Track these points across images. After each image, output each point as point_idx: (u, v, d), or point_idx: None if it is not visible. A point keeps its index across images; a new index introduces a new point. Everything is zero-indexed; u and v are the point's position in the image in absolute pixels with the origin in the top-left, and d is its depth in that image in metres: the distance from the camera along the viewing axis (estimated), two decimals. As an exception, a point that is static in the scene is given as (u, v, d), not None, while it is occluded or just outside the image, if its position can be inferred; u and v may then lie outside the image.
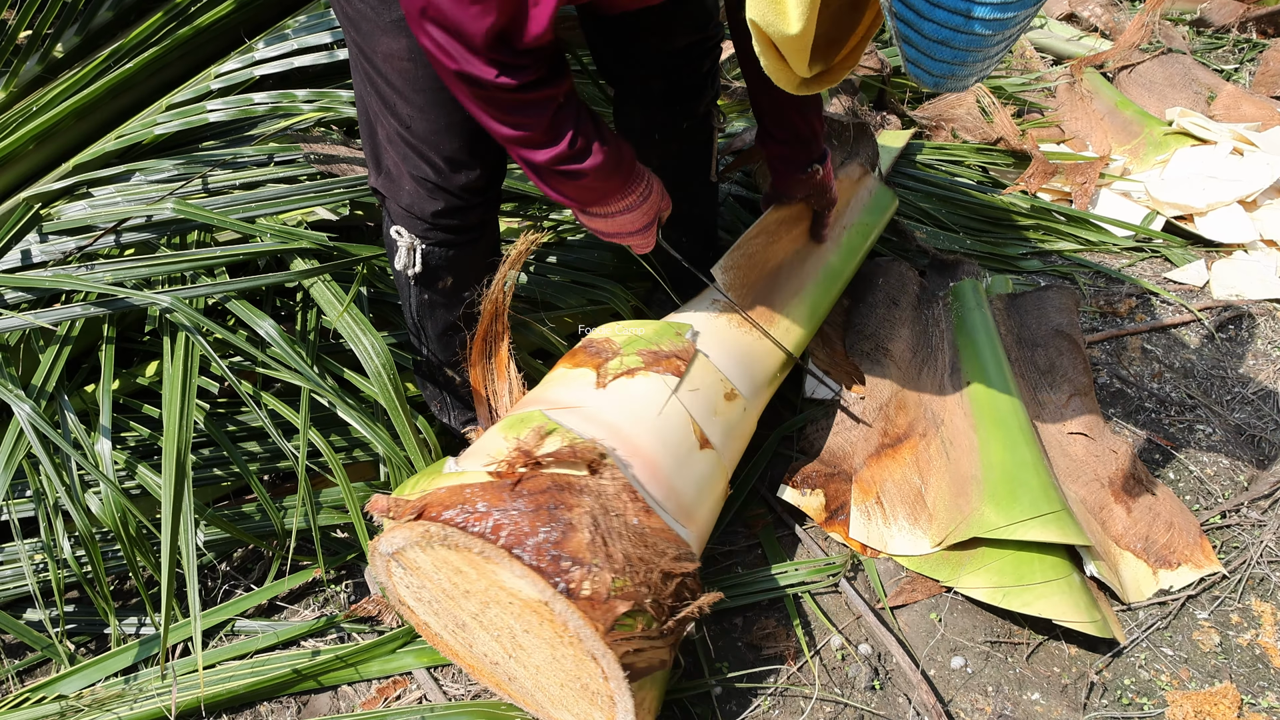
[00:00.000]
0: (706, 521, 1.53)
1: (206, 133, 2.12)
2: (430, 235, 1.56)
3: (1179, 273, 2.46)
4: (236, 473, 1.83)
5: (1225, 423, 2.09)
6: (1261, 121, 2.94)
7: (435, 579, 1.38)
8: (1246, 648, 1.67)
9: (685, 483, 1.47)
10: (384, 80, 1.42)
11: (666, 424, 1.48)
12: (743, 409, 1.65)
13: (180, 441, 1.57)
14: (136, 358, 1.97)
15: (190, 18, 2.13)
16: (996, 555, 1.69)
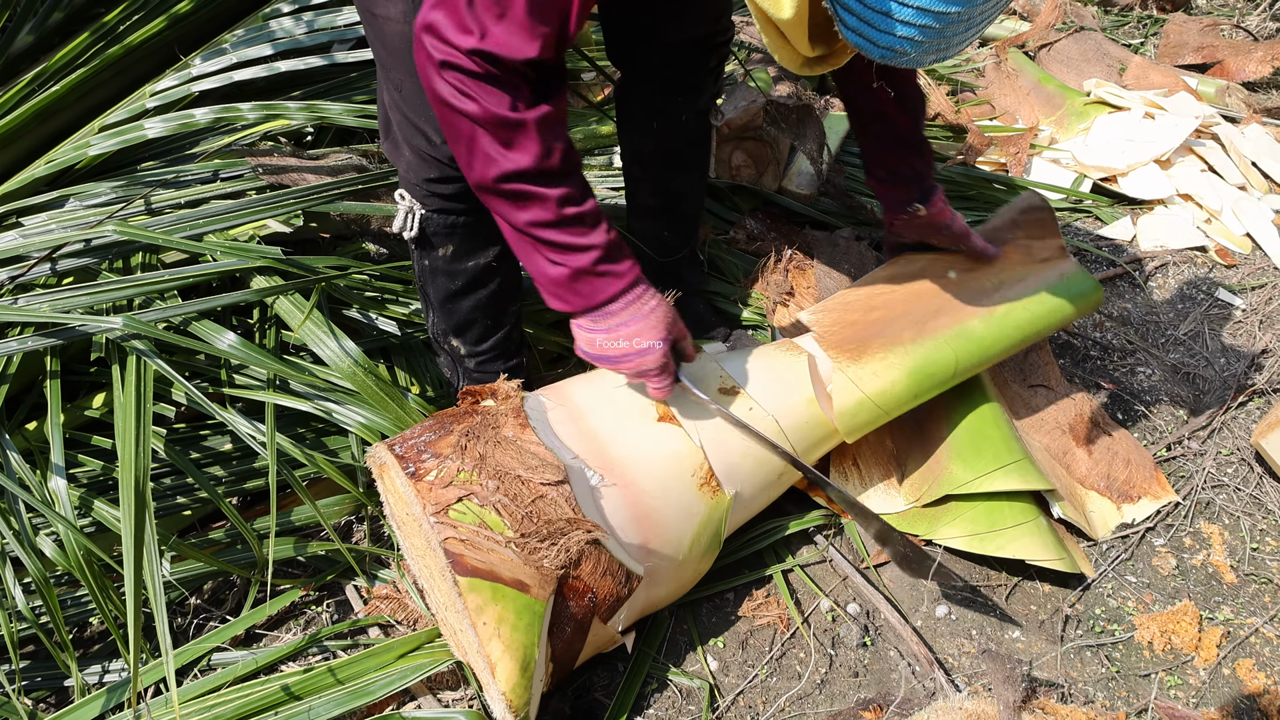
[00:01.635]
0: (654, 492, 1.48)
1: (145, 153, 2.10)
2: (428, 202, 1.57)
3: (1109, 229, 2.62)
4: (201, 499, 1.77)
5: (1163, 363, 2.24)
6: (1168, 88, 3.13)
7: (397, 512, 1.53)
8: (1200, 568, 1.80)
9: (620, 438, 1.49)
10: (381, 43, 1.44)
11: (621, 393, 1.56)
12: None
13: (138, 468, 1.52)
14: (81, 390, 1.90)
15: (120, 36, 2.11)
16: (968, 506, 1.79)
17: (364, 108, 1.98)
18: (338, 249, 2.05)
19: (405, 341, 1.96)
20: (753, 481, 1.58)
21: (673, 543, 1.48)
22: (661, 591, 1.54)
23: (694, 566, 1.55)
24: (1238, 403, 2.11)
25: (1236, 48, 3.42)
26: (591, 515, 1.39)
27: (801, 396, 1.66)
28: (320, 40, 2.12)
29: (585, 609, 1.39)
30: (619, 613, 1.45)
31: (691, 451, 1.50)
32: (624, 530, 1.42)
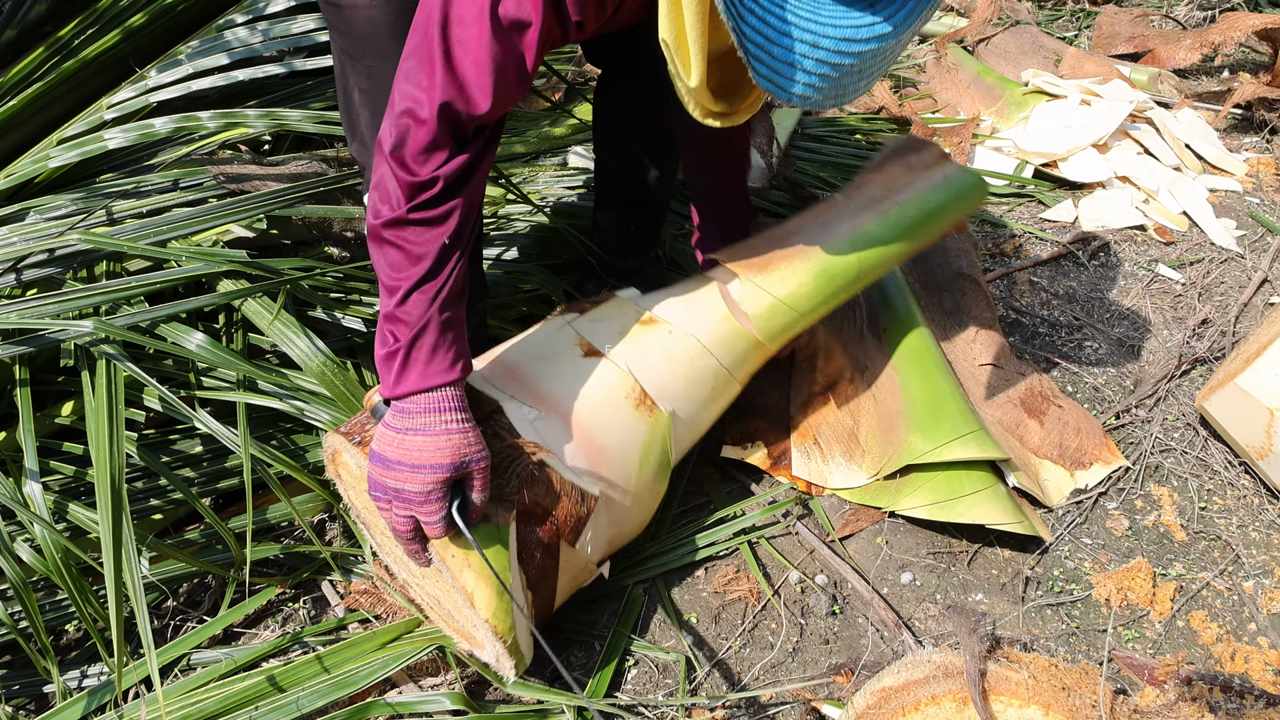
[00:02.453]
0: (592, 418, 1.53)
1: (104, 165, 2.09)
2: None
3: (1051, 212, 2.69)
4: (175, 501, 1.77)
5: (1108, 337, 2.30)
6: (1102, 77, 3.22)
7: (358, 503, 1.56)
8: (1152, 528, 1.85)
9: (549, 375, 1.54)
10: (347, 33, 1.42)
11: (545, 345, 1.62)
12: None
13: (114, 468, 1.51)
14: (50, 400, 1.90)
15: (75, 50, 2.11)
16: (928, 477, 1.83)
17: (322, 114, 1.99)
18: (300, 253, 2.05)
19: (370, 340, 1.97)
20: (688, 399, 1.63)
21: (620, 464, 1.52)
22: (625, 522, 1.58)
23: (649, 489, 1.59)
24: (1181, 371, 2.17)
25: (1166, 37, 3.53)
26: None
27: (717, 313, 1.70)
28: (276, 49, 2.13)
29: (550, 532, 1.43)
30: (584, 533, 1.48)
31: (621, 376, 1.55)
32: (570, 456, 1.47)
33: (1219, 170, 2.88)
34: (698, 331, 1.66)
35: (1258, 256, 2.54)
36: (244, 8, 2.13)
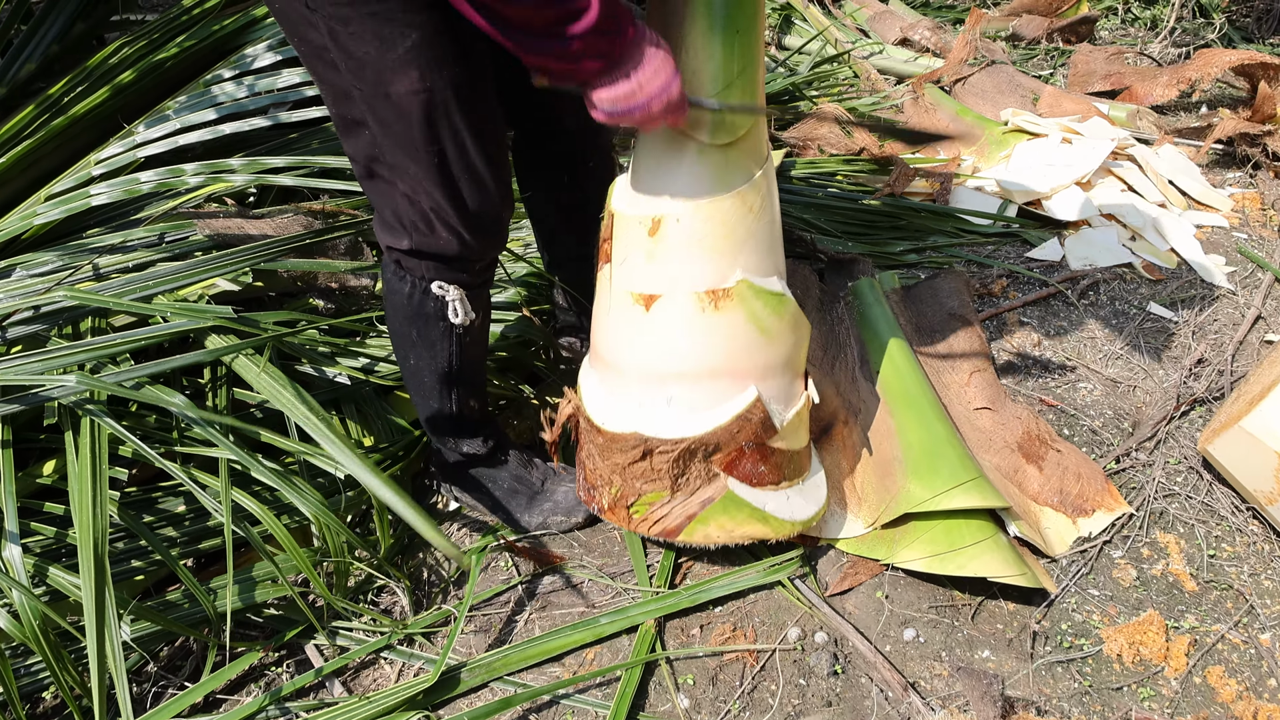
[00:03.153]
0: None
1: (90, 220, 1.97)
2: (483, 275, 1.52)
3: (1037, 251, 2.54)
4: (155, 563, 1.62)
5: (1102, 378, 2.15)
6: (1081, 114, 3.09)
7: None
8: (1160, 577, 1.69)
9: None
10: (405, 120, 1.30)
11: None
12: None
13: (96, 533, 1.39)
14: (32, 458, 1.75)
15: (64, 108, 1.99)
16: (927, 527, 1.67)
17: (308, 161, 1.85)
18: (285, 305, 1.91)
19: (355, 391, 1.82)
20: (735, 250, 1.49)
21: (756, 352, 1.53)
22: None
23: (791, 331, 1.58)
24: (1180, 412, 2.02)
25: (1143, 74, 3.40)
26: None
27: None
28: (262, 103, 2.00)
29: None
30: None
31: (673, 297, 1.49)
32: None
33: (1204, 206, 2.74)
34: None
35: (1250, 293, 2.39)
36: (231, 63, 2.01)
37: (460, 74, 1.32)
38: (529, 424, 1.96)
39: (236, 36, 2.16)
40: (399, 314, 1.51)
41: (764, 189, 1.45)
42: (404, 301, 1.49)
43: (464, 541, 1.77)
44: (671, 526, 1.60)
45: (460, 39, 1.30)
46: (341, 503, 1.66)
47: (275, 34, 2.13)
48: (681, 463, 1.54)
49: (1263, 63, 3.06)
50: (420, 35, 1.25)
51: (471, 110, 1.36)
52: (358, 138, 1.34)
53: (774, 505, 1.60)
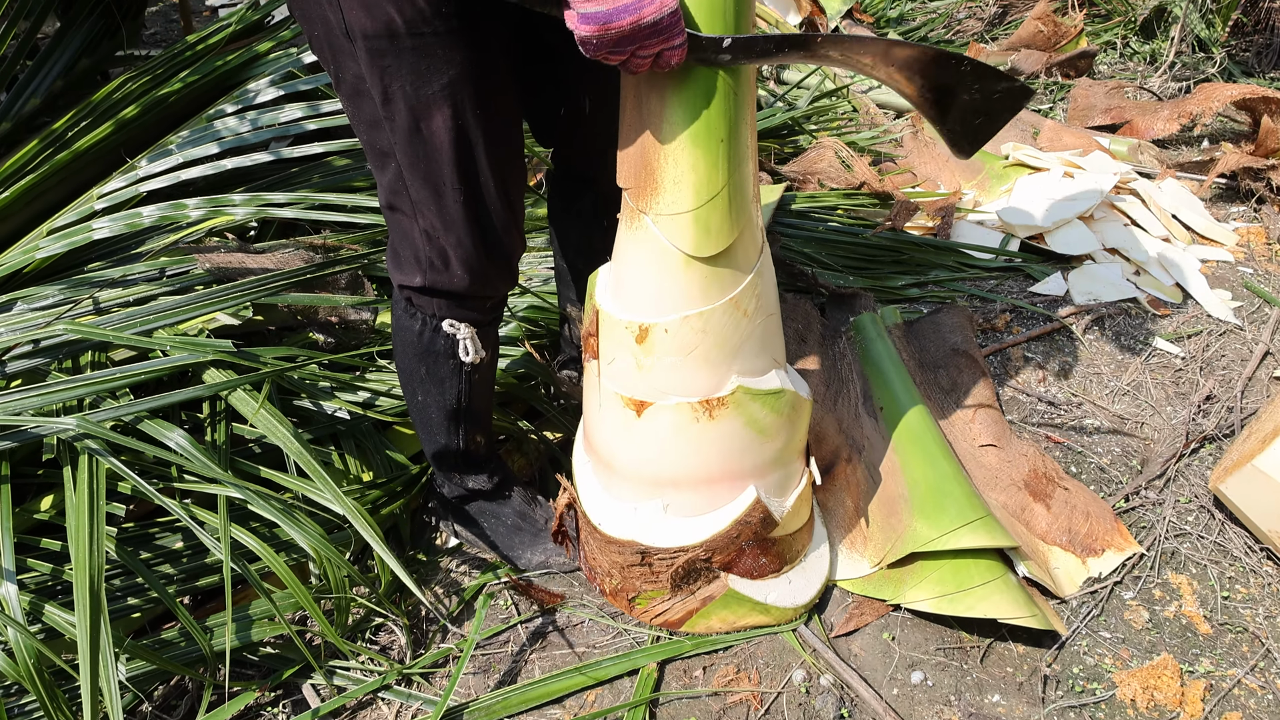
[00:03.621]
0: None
1: (92, 254, 1.96)
2: (494, 312, 1.52)
3: (1041, 286, 2.53)
4: (152, 600, 1.61)
5: (1109, 414, 2.13)
6: (1082, 148, 3.09)
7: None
8: (1173, 619, 1.66)
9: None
10: (434, 156, 1.30)
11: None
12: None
13: (93, 570, 1.38)
14: (29, 493, 1.74)
15: (68, 142, 1.99)
16: (934, 567, 1.65)
17: (309, 196, 1.85)
18: (284, 339, 1.90)
19: (354, 426, 1.81)
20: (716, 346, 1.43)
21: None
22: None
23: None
24: (1190, 450, 2.00)
25: (1143, 108, 3.41)
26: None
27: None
28: (264, 137, 2.00)
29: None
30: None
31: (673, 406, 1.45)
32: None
33: (1208, 240, 2.73)
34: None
35: (1257, 328, 2.38)
36: (234, 98, 2.01)
37: (492, 114, 1.32)
38: (528, 460, 1.95)
39: (240, 72, 2.18)
40: (408, 351, 1.50)
41: (758, 289, 1.39)
42: (414, 339, 1.48)
43: (463, 579, 1.75)
44: (673, 620, 1.60)
45: (494, 80, 1.31)
46: (346, 539, 1.64)
47: (278, 69, 2.14)
48: (681, 569, 1.53)
49: (1264, 97, 3.07)
50: (457, 73, 1.26)
51: (499, 150, 1.36)
52: (385, 169, 1.34)
53: (776, 595, 1.60)
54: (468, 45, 1.24)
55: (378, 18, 1.18)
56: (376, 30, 1.19)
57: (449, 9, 1.21)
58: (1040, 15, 4.07)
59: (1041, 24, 4.04)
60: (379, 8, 1.18)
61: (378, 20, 1.18)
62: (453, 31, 1.23)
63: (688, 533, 1.51)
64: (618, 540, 1.53)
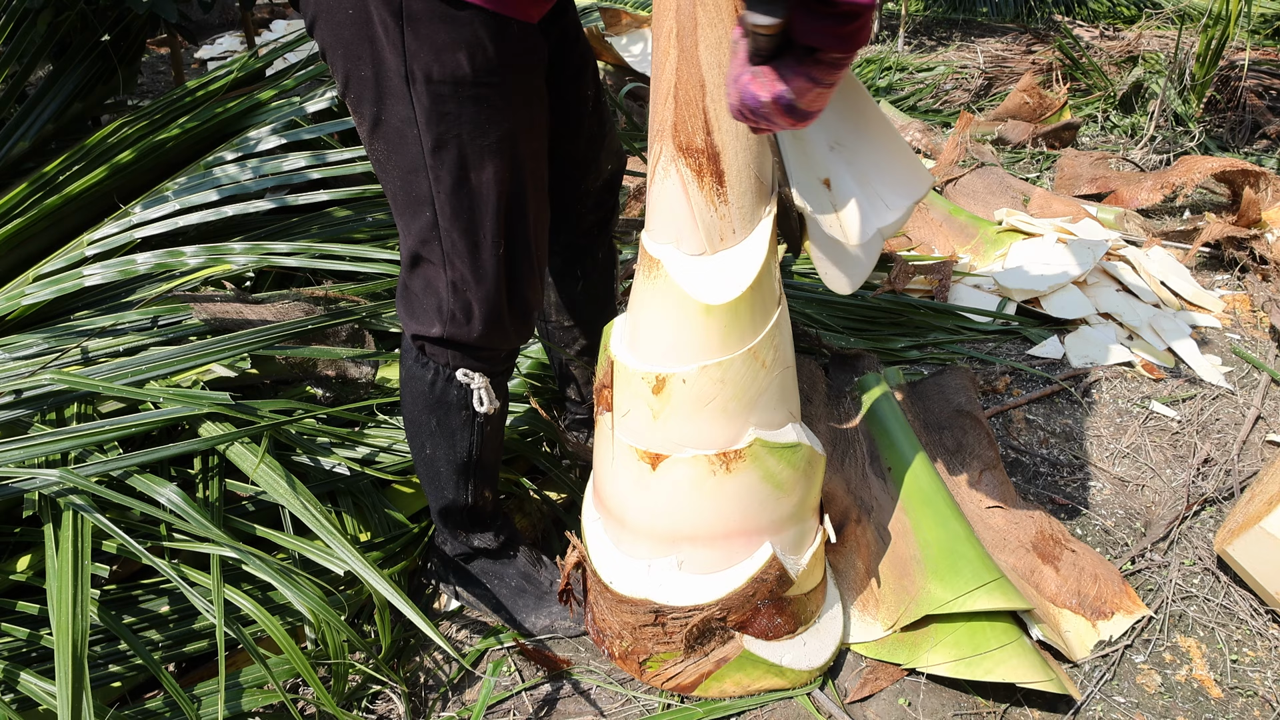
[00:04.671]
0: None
1: (81, 302, 1.94)
2: (507, 363, 1.52)
3: (1039, 349, 2.58)
4: (135, 667, 1.54)
5: (1111, 476, 2.16)
6: (1072, 216, 3.19)
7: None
8: (1185, 683, 1.67)
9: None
10: (479, 207, 1.31)
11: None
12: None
13: (76, 635, 1.32)
14: (6, 552, 1.68)
15: (59, 186, 1.98)
16: (949, 630, 1.65)
17: (311, 246, 1.85)
18: (280, 393, 1.88)
19: (353, 484, 1.78)
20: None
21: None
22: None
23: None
24: (1191, 512, 2.02)
25: (1127, 178, 3.53)
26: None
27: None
28: (265, 185, 2.00)
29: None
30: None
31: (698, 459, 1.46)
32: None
33: (1196, 307, 2.81)
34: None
35: (1248, 393, 2.44)
36: (234, 145, 2.02)
37: (538, 169, 1.35)
38: (530, 521, 1.93)
39: (240, 119, 2.19)
40: (418, 402, 1.49)
41: (776, 340, 1.41)
42: (425, 389, 1.47)
43: (465, 644, 1.72)
44: (686, 683, 1.58)
45: (541, 136, 1.33)
46: (342, 602, 1.61)
47: (280, 117, 2.16)
48: (696, 628, 1.52)
49: (1243, 169, 3.20)
50: (510, 126, 1.28)
51: (540, 205, 1.38)
52: (417, 217, 1.33)
53: (790, 657, 1.58)
54: (524, 100, 1.27)
55: (446, 63, 1.20)
56: (443, 76, 1.21)
57: (516, 61, 1.24)
58: (1026, 88, 4.22)
59: (1027, 96, 4.19)
60: (450, 53, 1.20)
61: (446, 66, 1.20)
62: (513, 85, 1.26)
63: (703, 590, 1.50)
64: (630, 599, 1.51)
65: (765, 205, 1.36)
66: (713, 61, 1.22)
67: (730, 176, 1.30)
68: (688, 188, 1.30)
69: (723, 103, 1.23)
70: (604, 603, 1.58)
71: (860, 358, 2.36)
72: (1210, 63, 3.95)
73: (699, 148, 1.28)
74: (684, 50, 1.23)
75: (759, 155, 1.31)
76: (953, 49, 5.58)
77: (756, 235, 1.35)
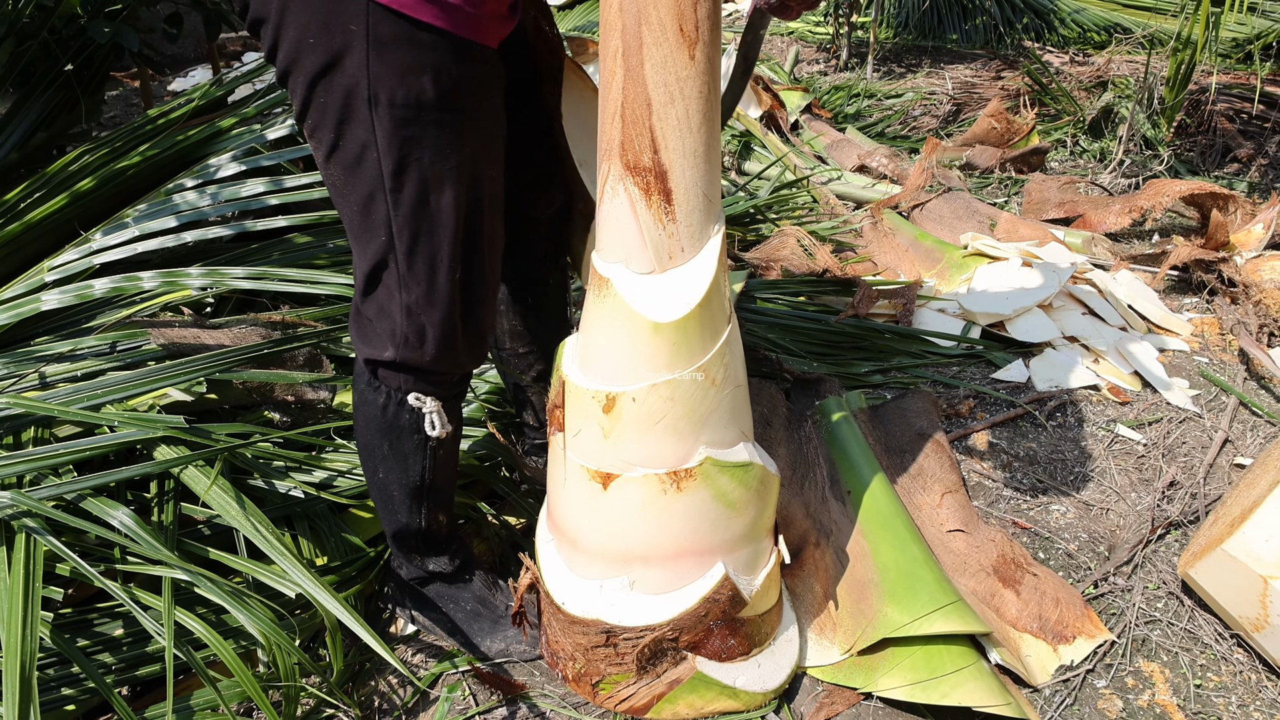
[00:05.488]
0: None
1: (40, 328, 1.96)
2: (459, 387, 1.53)
3: (1003, 373, 2.63)
4: (87, 691, 1.55)
5: (1075, 500, 2.19)
6: (1038, 240, 3.25)
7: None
8: (1148, 708, 1.69)
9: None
10: (437, 231, 1.33)
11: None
12: None
13: (24, 656, 1.34)
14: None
15: (20, 214, 2.01)
16: (906, 653, 1.67)
17: (267, 270, 1.88)
18: (239, 418, 1.90)
19: (309, 508, 1.80)
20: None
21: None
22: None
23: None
24: (1156, 536, 2.06)
25: (1095, 202, 3.60)
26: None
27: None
28: (224, 211, 2.03)
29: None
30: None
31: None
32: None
33: (1164, 330, 2.87)
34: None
35: (1216, 416, 2.48)
36: (194, 173, 2.06)
37: (496, 193, 1.38)
38: (488, 546, 1.94)
39: (201, 147, 2.22)
40: (371, 426, 1.52)
41: (726, 359, 1.44)
42: (377, 414, 1.49)
43: (420, 668, 1.73)
44: (638, 705, 1.60)
45: (499, 160, 1.36)
46: (294, 626, 1.62)
47: (240, 144, 2.20)
48: (648, 649, 1.54)
49: (1212, 192, 3.27)
50: (474, 150, 1.31)
51: (496, 228, 1.41)
52: (371, 241, 1.35)
53: (745, 679, 1.60)
54: (485, 124, 1.30)
55: (411, 87, 1.23)
56: (407, 99, 1.24)
57: (478, 85, 1.27)
58: (993, 113, 4.30)
59: (995, 121, 4.27)
60: (414, 76, 1.23)
61: (410, 89, 1.23)
62: (474, 109, 1.29)
63: (654, 611, 1.52)
64: (582, 620, 1.53)
65: (714, 223, 1.39)
66: (658, 80, 1.26)
67: (678, 195, 1.33)
68: (636, 206, 1.34)
69: (669, 121, 1.27)
70: (557, 624, 1.60)
71: (821, 382, 2.39)
72: (1179, 86, 4.04)
73: (646, 166, 1.31)
74: (630, 69, 1.26)
75: (707, 174, 1.35)
76: (922, 75, 5.68)
77: (705, 254, 1.39)
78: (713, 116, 1.32)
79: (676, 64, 1.25)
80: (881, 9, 6.57)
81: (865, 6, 6.20)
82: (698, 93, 1.28)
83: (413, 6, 1.20)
